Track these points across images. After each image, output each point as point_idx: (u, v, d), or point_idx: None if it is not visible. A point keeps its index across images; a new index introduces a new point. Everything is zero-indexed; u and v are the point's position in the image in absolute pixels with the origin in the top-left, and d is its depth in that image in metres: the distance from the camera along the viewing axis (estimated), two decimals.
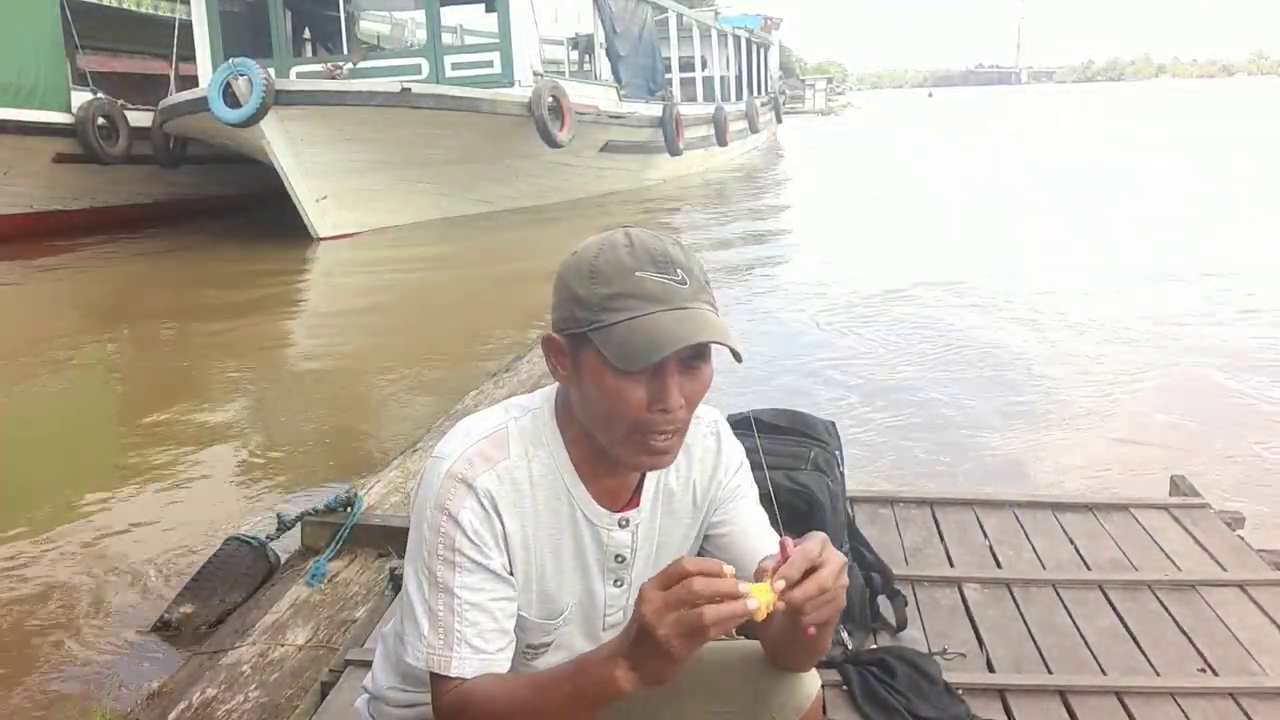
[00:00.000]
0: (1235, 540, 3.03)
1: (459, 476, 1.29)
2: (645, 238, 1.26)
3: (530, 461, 1.33)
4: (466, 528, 1.28)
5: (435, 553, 1.28)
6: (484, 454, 1.31)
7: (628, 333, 1.21)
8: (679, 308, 1.22)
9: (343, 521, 3.29)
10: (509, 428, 1.34)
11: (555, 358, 1.31)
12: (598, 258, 1.24)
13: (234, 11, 14.43)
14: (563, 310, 1.27)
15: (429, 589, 1.28)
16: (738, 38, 26.31)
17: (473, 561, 1.28)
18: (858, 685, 2.25)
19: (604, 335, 1.22)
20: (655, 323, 1.20)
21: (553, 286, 1.29)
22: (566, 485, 1.35)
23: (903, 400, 5.71)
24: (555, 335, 1.29)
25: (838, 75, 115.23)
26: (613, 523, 1.39)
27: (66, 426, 5.97)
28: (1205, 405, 5.54)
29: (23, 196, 12.71)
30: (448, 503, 1.28)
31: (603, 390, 1.25)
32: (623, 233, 1.27)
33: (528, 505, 1.33)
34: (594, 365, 1.24)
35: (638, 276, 1.22)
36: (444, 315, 8.74)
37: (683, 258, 1.26)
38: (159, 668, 3.03)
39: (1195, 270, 9.35)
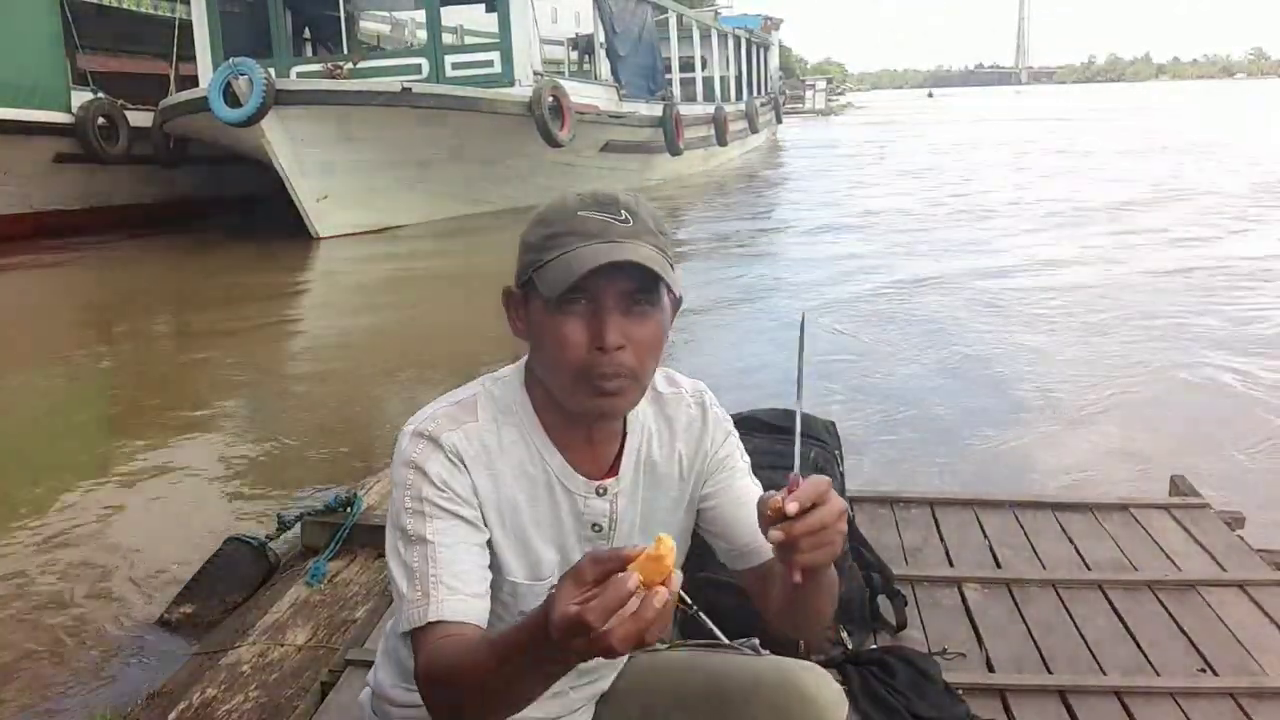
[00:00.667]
0: (1235, 540, 3.03)
1: (424, 433, 1.28)
2: (599, 187, 1.26)
3: (500, 427, 1.32)
4: (433, 478, 1.26)
5: (404, 507, 1.26)
6: (450, 415, 1.31)
7: (560, 265, 1.20)
8: (614, 241, 1.20)
9: (343, 521, 3.29)
10: (478, 396, 1.34)
11: (511, 309, 1.32)
12: (548, 208, 1.26)
13: (234, 11, 14.44)
14: (518, 263, 1.28)
15: (404, 547, 1.26)
16: (738, 38, 26.33)
17: (441, 509, 1.26)
18: (858, 685, 2.25)
19: (541, 274, 1.22)
20: (586, 251, 1.19)
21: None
22: (540, 452, 1.33)
23: (902, 400, 5.70)
24: (511, 287, 1.30)
25: (837, 75, 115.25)
26: (590, 490, 1.36)
27: (66, 426, 5.97)
28: (1205, 405, 5.54)
29: (23, 196, 12.72)
30: (413, 456, 1.27)
31: (546, 335, 1.24)
32: (576, 191, 1.27)
33: (500, 466, 1.31)
34: (538, 310, 1.25)
35: (580, 215, 1.22)
36: (444, 315, 8.74)
37: (632, 202, 1.25)
38: (159, 668, 3.03)
39: (1195, 269, 9.35)
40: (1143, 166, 20.07)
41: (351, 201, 12.45)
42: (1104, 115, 46.57)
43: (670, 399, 1.43)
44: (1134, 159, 21.93)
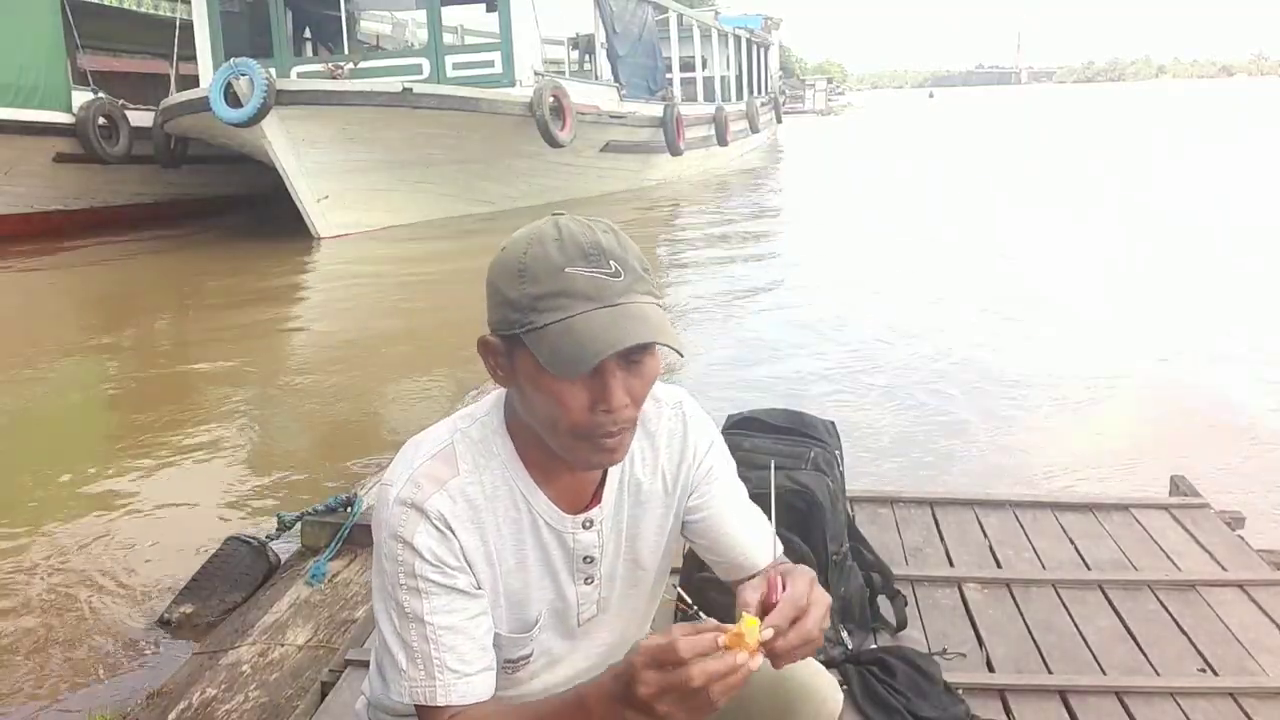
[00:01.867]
0: (1235, 540, 3.03)
1: (408, 501, 1.24)
2: (574, 227, 1.19)
3: (482, 474, 1.28)
4: (424, 552, 1.23)
5: (398, 583, 1.23)
6: (431, 474, 1.26)
7: (560, 335, 1.14)
8: (612, 304, 1.15)
9: (343, 521, 3.29)
10: (455, 442, 1.29)
11: (491, 359, 1.25)
12: (526, 254, 1.17)
13: (235, 11, 14.43)
14: (495, 312, 1.21)
15: (399, 621, 1.24)
16: (738, 38, 26.31)
17: (437, 585, 1.23)
18: (858, 685, 2.25)
19: (536, 338, 1.16)
20: (588, 323, 1.13)
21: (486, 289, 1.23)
22: (523, 493, 1.30)
23: (902, 400, 5.71)
24: (489, 337, 1.23)
25: (837, 75, 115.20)
26: (576, 525, 1.34)
27: (66, 426, 5.98)
28: (1205, 405, 5.53)
29: (23, 196, 12.72)
30: (400, 529, 1.23)
31: (541, 394, 1.19)
32: (551, 223, 1.20)
33: (486, 518, 1.28)
34: (529, 368, 1.19)
35: (567, 273, 1.15)
36: (444, 314, 8.73)
37: (616, 247, 1.18)
38: (159, 668, 3.03)
39: (1195, 268, 9.35)
40: (1143, 164, 20.07)
41: (352, 201, 12.45)
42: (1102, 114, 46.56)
43: (650, 414, 1.39)
44: (1135, 155, 21.93)
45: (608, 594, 1.42)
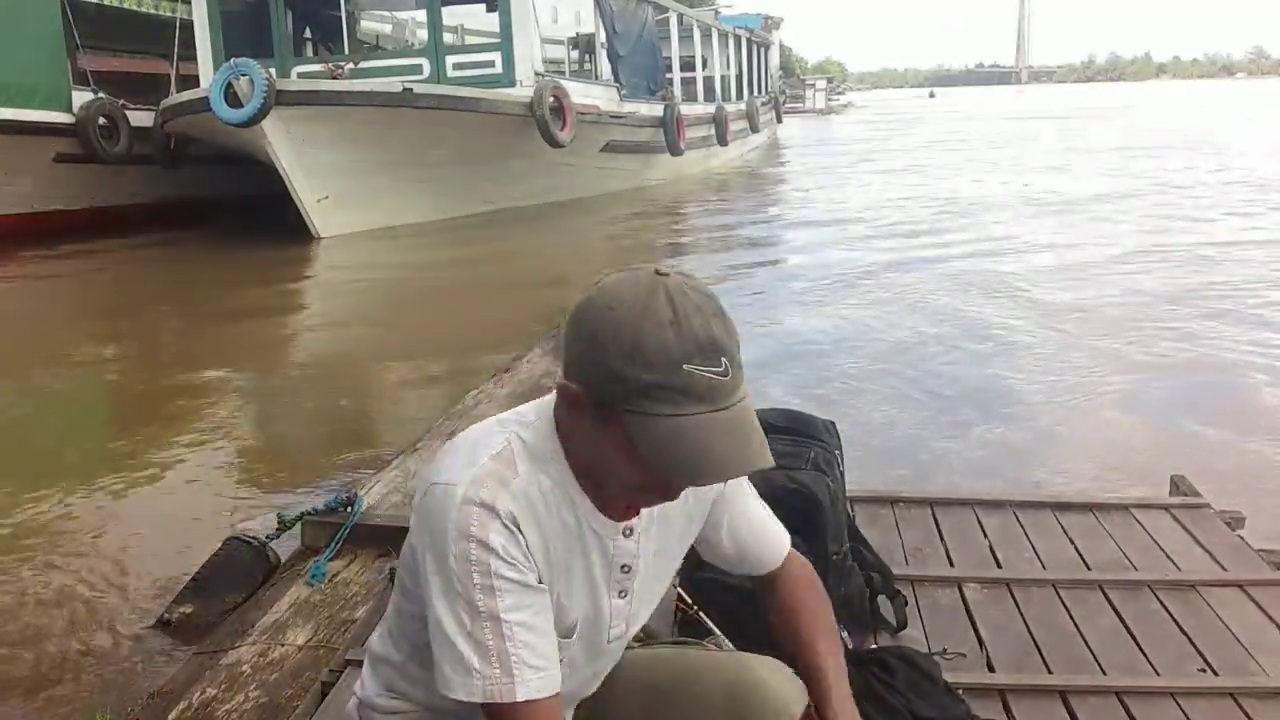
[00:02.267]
0: (1235, 540, 3.03)
1: (477, 500, 1.24)
2: (689, 310, 1.17)
3: (538, 476, 1.29)
4: (499, 550, 1.23)
5: (471, 582, 1.23)
6: (494, 475, 1.26)
7: (669, 435, 1.16)
8: (723, 408, 1.17)
9: (343, 521, 3.29)
10: (512, 444, 1.30)
11: (572, 409, 1.25)
12: (640, 334, 1.16)
13: (235, 11, 14.42)
14: (592, 374, 1.19)
15: (470, 620, 1.23)
16: (738, 37, 26.31)
17: (511, 582, 1.24)
18: (857, 685, 2.23)
19: (639, 423, 1.17)
20: (699, 431, 1.16)
21: (573, 331, 1.22)
22: (573, 499, 1.32)
23: (903, 400, 5.71)
24: (575, 388, 1.22)
25: (838, 75, 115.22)
26: (617, 533, 1.36)
27: (66, 426, 5.98)
28: (1206, 405, 5.53)
29: (24, 196, 12.71)
30: (472, 528, 1.23)
31: (615, 459, 1.23)
32: (664, 297, 1.17)
33: (544, 520, 1.29)
34: (619, 440, 1.20)
35: (684, 370, 1.15)
36: (445, 315, 8.74)
37: (726, 339, 1.19)
38: (159, 668, 3.03)
39: (1194, 267, 9.35)
40: (1144, 164, 20.06)
41: (352, 202, 12.45)
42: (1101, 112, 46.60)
43: None
44: (1139, 156, 21.92)
45: (635, 610, 1.45)
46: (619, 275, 1.23)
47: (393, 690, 1.49)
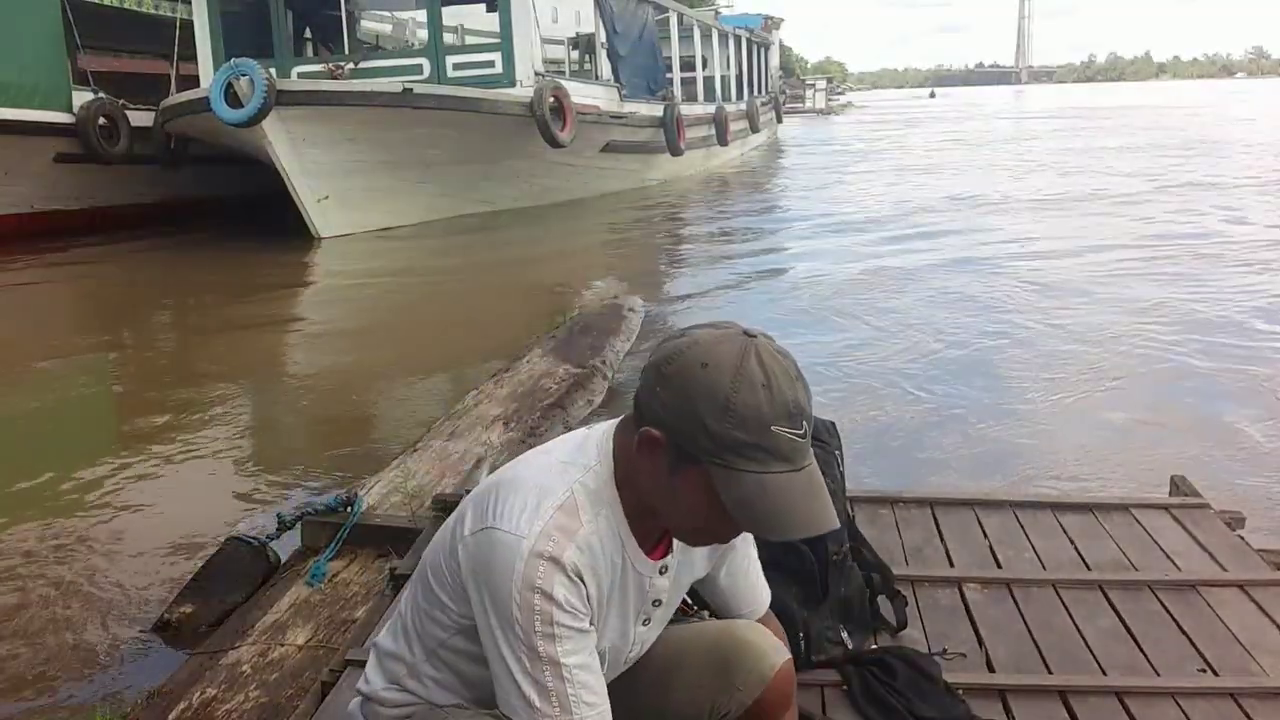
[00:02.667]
0: (1235, 540, 3.03)
1: (546, 555, 1.30)
2: (778, 374, 1.27)
3: (597, 523, 1.36)
4: (563, 603, 1.30)
5: (533, 629, 1.30)
6: (562, 527, 1.32)
7: (753, 491, 1.25)
8: (799, 467, 1.27)
9: (343, 521, 3.29)
10: (575, 493, 1.35)
11: (651, 453, 1.31)
12: (736, 394, 1.24)
13: (235, 11, 14.43)
14: (676, 422, 1.27)
15: (530, 663, 1.30)
16: (738, 37, 26.31)
17: (570, 629, 1.31)
18: (857, 685, 2.25)
19: (725, 476, 1.25)
20: (781, 489, 1.25)
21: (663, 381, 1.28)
22: (622, 539, 1.39)
23: (903, 400, 5.70)
24: (659, 435, 1.29)
25: (838, 75, 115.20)
26: (655, 571, 1.45)
27: (66, 426, 5.98)
28: (1206, 405, 5.53)
29: (24, 196, 12.71)
30: (538, 581, 1.29)
31: (691, 505, 1.30)
32: (756, 360, 1.26)
33: (599, 566, 1.36)
34: (697, 487, 1.28)
35: (773, 431, 1.25)
36: (445, 315, 8.74)
37: (806, 402, 1.29)
38: (159, 668, 3.03)
39: (1195, 267, 9.35)
40: (1141, 163, 20.07)
41: (353, 202, 12.45)
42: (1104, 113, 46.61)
43: None
44: (1132, 155, 21.93)
45: (652, 633, 1.54)
46: (710, 332, 1.31)
47: (399, 685, 1.53)
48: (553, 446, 1.48)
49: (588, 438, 1.43)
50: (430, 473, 3.96)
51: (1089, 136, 30.24)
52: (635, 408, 1.35)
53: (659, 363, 1.30)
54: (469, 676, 1.46)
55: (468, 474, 3.73)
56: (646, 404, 1.31)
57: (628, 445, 1.35)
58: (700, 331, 1.32)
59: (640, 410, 1.32)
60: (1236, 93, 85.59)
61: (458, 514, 1.45)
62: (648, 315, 7.50)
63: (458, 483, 3.68)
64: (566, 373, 5.39)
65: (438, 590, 1.44)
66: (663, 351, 1.31)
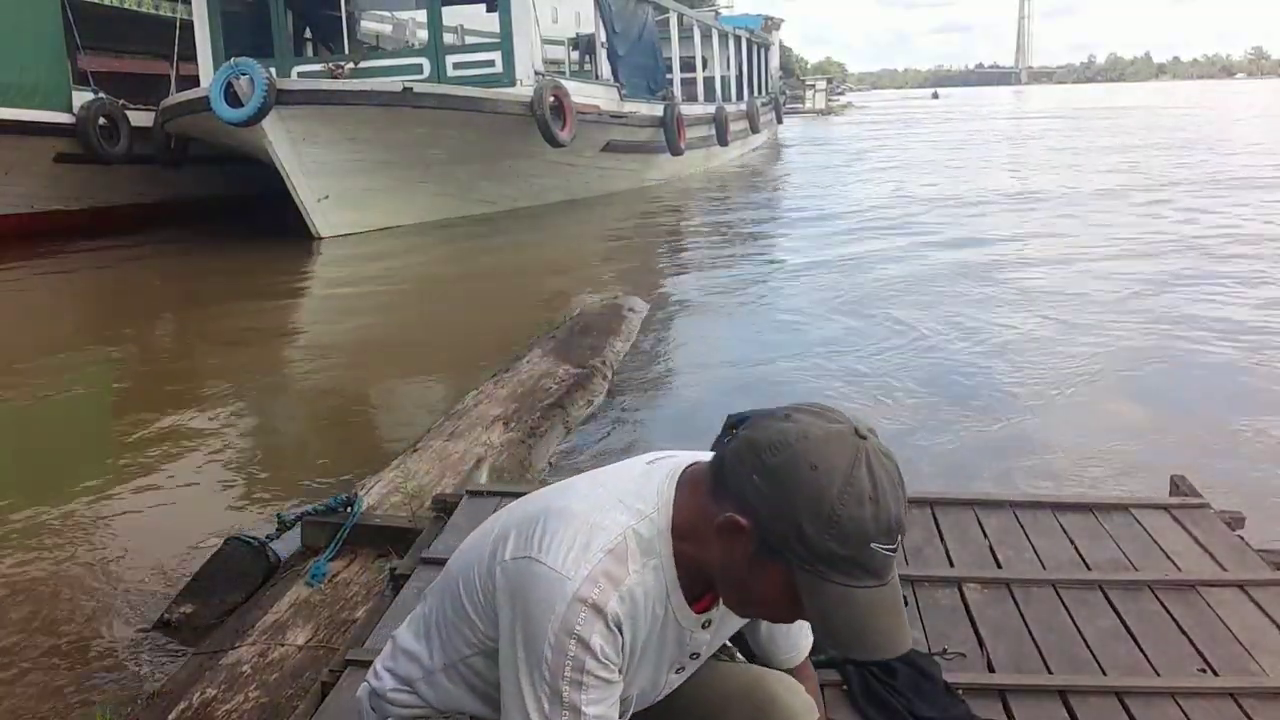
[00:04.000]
0: (1235, 540, 3.03)
1: (589, 601, 1.26)
2: (887, 489, 1.20)
3: (645, 573, 1.32)
4: (598, 652, 1.27)
5: (561, 674, 1.27)
6: (609, 574, 1.28)
7: (841, 604, 1.22)
8: (887, 583, 1.23)
9: (343, 522, 3.29)
10: (628, 539, 1.31)
11: (732, 538, 1.25)
12: (843, 507, 1.18)
13: (235, 11, 14.43)
14: (771, 519, 1.21)
15: (550, 706, 1.28)
16: (738, 38, 26.33)
17: (599, 679, 1.29)
18: (858, 685, 2.25)
19: (813, 584, 1.22)
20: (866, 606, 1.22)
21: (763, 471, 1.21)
22: (668, 591, 1.35)
23: (902, 400, 5.70)
24: (746, 524, 1.23)
25: (837, 75, 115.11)
26: (698, 625, 1.41)
27: (66, 427, 5.97)
28: (1206, 405, 5.53)
29: (24, 196, 12.71)
30: (577, 628, 1.26)
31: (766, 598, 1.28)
32: (866, 470, 1.20)
33: (640, 616, 1.33)
34: (777, 581, 1.24)
35: (872, 549, 1.20)
36: (445, 315, 8.74)
37: (905, 518, 1.23)
38: (159, 668, 3.03)
39: (1194, 267, 9.34)
40: (1142, 161, 20.08)
41: (353, 201, 12.45)
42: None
43: None
44: (1135, 153, 21.94)
45: (681, 680, 1.51)
46: (820, 425, 1.23)
47: (410, 688, 1.51)
48: (607, 479, 1.42)
49: (648, 477, 1.37)
50: (430, 473, 3.96)
51: (1089, 136, 30.25)
52: (718, 476, 1.27)
53: (761, 448, 1.22)
54: (485, 697, 1.43)
55: (468, 474, 3.73)
56: (737, 485, 1.24)
57: (695, 507, 1.30)
58: (809, 421, 1.23)
59: (728, 485, 1.25)
60: (1232, 93, 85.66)
61: (499, 534, 1.40)
62: (647, 315, 7.51)
63: (458, 483, 3.68)
64: (566, 373, 5.39)
65: (468, 606, 1.40)
66: (765, 435, 1.23)
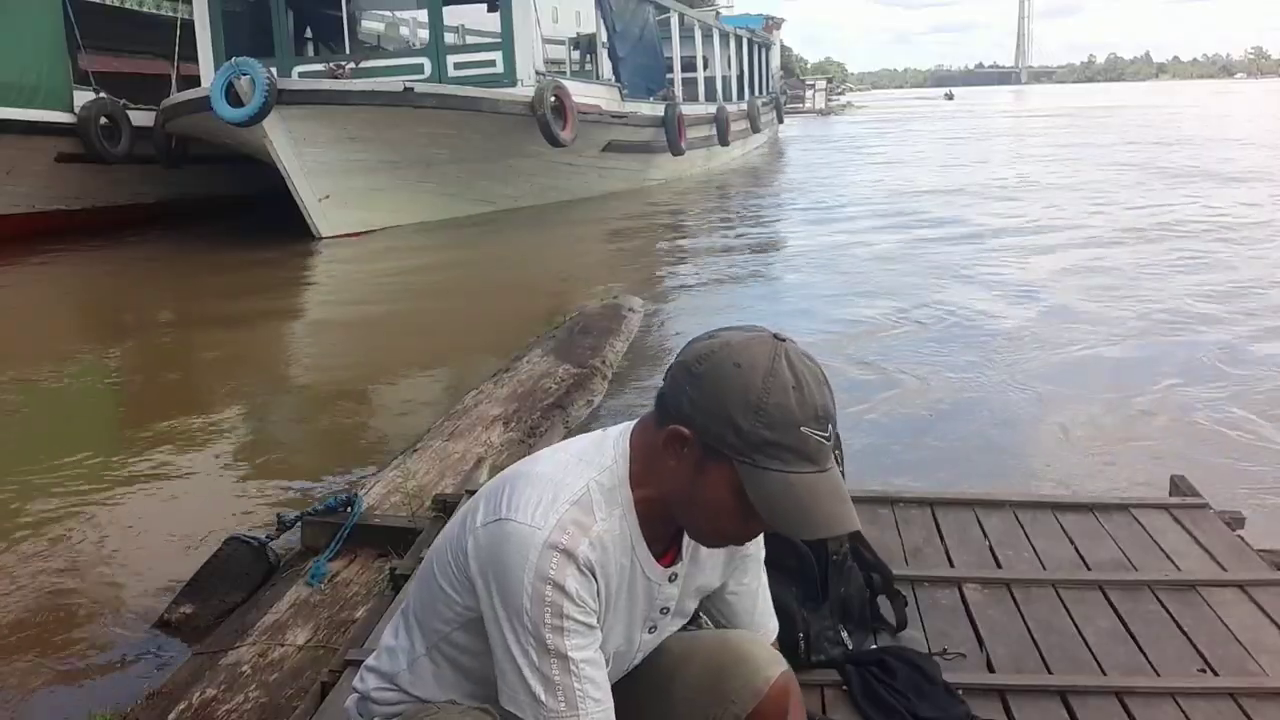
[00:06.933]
0: (1235, 540, 3.02)
1: (560, 547, 1.30)
2: (808, 378, 1.29)
3: (610, 522, 1.36)
4: (574, 595, 1.30)
5: (543, 621, 1.30)
6: (577, 522, 1.32)
7: (779, 489, 1.27)
8: (822, 469, 1.29)
9: (343, 522, 3.29)
10: (591, 490, 1.36)
11: (676, 448, 1.32)
12: (766, 395, 1.26)
13: (236, 11, 14.43)
14: (707, 421, 1.28)
15: (538, 656, 1.31)
16: (739, 38, 26.34)
17: (580, 623, 1.32)
18: (857, 685, 2.25)
19: (752, 474, 1.27)
20: (807, 489, 1.27)
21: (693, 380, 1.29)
22: (633, 543, 1.39)
23: (903, 401, 5.70)
24: (686, 431, 1.30)
25: (837, 75, 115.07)
26: (665, 579, 1.45)
27: (66, 427, 5.97)
28: (1206, 405, 5.52)
29: (25, 196, 12.71)
30: (550, 572, 1.29)
31: (713, 504, 1.32)
32: (785, 364, 1.28)
33: (610, 565, 1.36)
34: (722, 484, 1.29)
35: (802, 432, 1.27)
36: (445, 315, 8.74)
37: (831, 406, 1.31)
38: (159, 668, 3.03)
39: (1195, 268, 9.34)
40: (1139, 159, 20.07)
41: (354, 201, 12.46)
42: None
43: None
44: (1121, 151, 21.94)
45: (656, 641, 1.54)
46: (740, 334, 1.33)
47: (393, 683, 1.52)
48: (568, 444, 1.48)
49: (605, 437, 1.43)
50: (430, 473, 3.96)
51: (1088, 134, 30.25)
52: (660, 406, 1.35)
53: (689, 362, 1.31)
54: (471, 672, 1.44)
55: (468, 474, 3.73)
56: (675, 402, 1.31)
57: (645, 445, 1.37)
58: (730, 333, 1.33)
59: (667, 407, 1.33)
60: (1228, 93, 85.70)
61: (468, 507, 1.45)
62: (647, 315, 7.51)
63: (458, 483, 3.69)
64: (566, 373, 5.39)
65: (442, 582, 1.42)
66: (692, 351, 1.32)
